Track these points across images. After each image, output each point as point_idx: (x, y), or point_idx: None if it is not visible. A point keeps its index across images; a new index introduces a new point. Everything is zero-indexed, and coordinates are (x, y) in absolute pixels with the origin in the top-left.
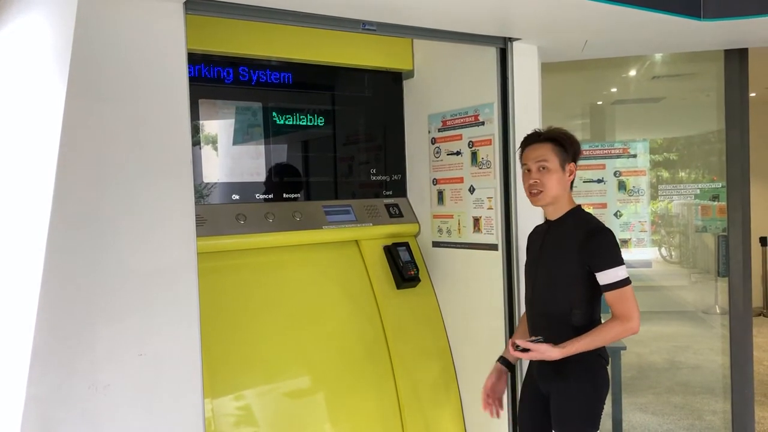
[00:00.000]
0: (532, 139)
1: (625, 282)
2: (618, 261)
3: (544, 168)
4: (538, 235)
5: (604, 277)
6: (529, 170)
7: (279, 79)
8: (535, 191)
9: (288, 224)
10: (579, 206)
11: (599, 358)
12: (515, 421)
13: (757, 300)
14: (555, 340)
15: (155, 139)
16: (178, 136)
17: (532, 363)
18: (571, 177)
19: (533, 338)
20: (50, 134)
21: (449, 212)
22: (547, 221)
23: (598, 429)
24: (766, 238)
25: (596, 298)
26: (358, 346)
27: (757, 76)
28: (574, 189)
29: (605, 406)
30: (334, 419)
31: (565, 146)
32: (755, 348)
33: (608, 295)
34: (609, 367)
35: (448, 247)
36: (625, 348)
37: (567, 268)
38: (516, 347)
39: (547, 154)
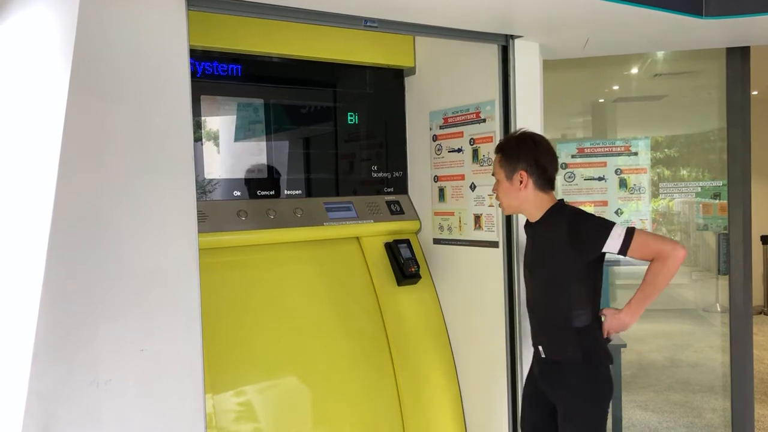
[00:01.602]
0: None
1: (630, 233)
2: (608, 225)
3: (496, 180)
4: (528, 236)
5: (612, 246)
6: None
7: (280, 75)
8: (498, 203)
9: (289, 221)
10: (558, 202)
11: (603, 358)
12: (515, 418)
13: (757, 298)
14: (556, 345)
15: (157, 136)
16: (179, 133)
17: (533, 360)
18: (523, 185)
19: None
20: (52, 130)
21: (450, 209)
22: (530, 223)
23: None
24: (767, 236)
25: (597, 295)
26: (358, 342)
27: (758, 74)
28: (575, 186)
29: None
30: (335, 415)
31: (509, 156)
32: (755, 346)
33: (631, 255)
34: (621, 364)
35: (448, 244)
36: (625, 345)
37: (562, 266)
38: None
39: (495, 167)
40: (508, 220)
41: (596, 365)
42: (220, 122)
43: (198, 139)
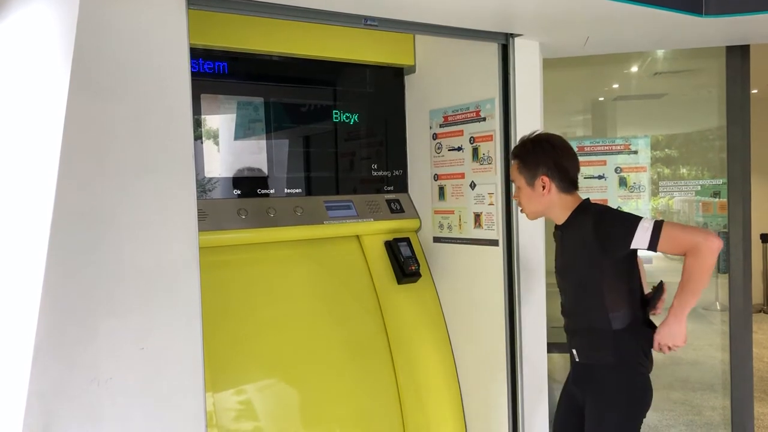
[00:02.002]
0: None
1: (657, 227)
2: (634, 220)
3: (517, 187)
4: (557, 240)
5: (640, 242)
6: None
7: (280, 74)
8: (521, 209)
9: (289, 219)
10: (583, 202)
11: (640, 363)
12: (515, 416)
13: (757, 297)
14: (590, 348)
15: (157, 134)
16: (180, 131)
17: (572, 366)
18: (546, 190)
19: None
20: (53, 129)
21: (450, 208)
22: (557, 227)
23: None
24: (766, 234)
25: (633, 295)
26: (358, 341)
27: (758, 73)
28: None
29: None
30: (335, 413)
31: (527, 162)
32: (755, 344)
33: (661, 250)
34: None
35: (448, 242)
36: None
37: (592, 266)
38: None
39: (514, 174)
40: (508, 219)
41: (633, 370)
42: (221, 121)
43: (198, 137)
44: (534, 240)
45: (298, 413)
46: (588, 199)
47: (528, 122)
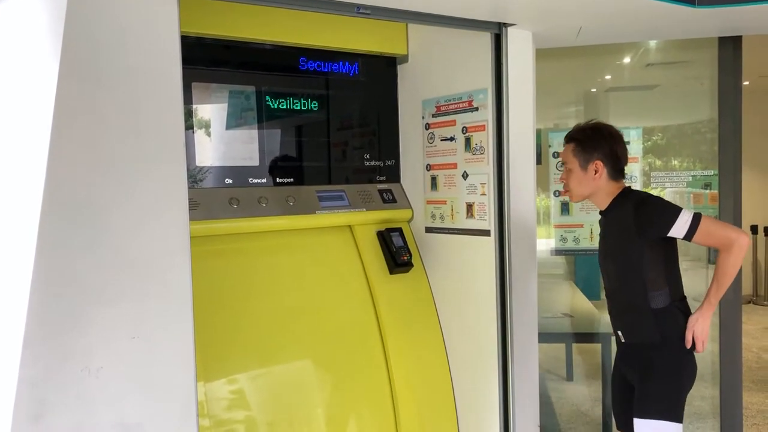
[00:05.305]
0: (564, 139)
1: (696, 220)
2: (675, 210)
3: (567, 169)
4: (601, 225)
5: (676, 232)
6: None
7: (273, 63)
8: (565, 190)
9: (281, 209)
10: (624, 189)
11: (683, 342)
12: (506, 404)
13: (746, 288)
14: (634, 328)
15: (148, 123)
16: (171, 120)
17: (618, 346)
18: (598, 175)
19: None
20: (42, 118)
21: (442, 198)
22: (601, 212)
23: (680, 421)
24: (757, 226)
25: (673, 276)
26: (350, 330)
27: (750, 64)
28: None
29: (595, 391)
30: (327, 403)
31: (585, 146)
32: (744, 335)
33: (695, 241)
34: (612, 352)
35: (441, 232)
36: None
37: (630, 251)
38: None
39: (567, 155)
40: (500, 209)
41: (678, 348)
42: (212, 110)
43: (189, 127)
44: (526, 230)
45: (290, 402)
46: (629, 187)
47: (521, 113)
